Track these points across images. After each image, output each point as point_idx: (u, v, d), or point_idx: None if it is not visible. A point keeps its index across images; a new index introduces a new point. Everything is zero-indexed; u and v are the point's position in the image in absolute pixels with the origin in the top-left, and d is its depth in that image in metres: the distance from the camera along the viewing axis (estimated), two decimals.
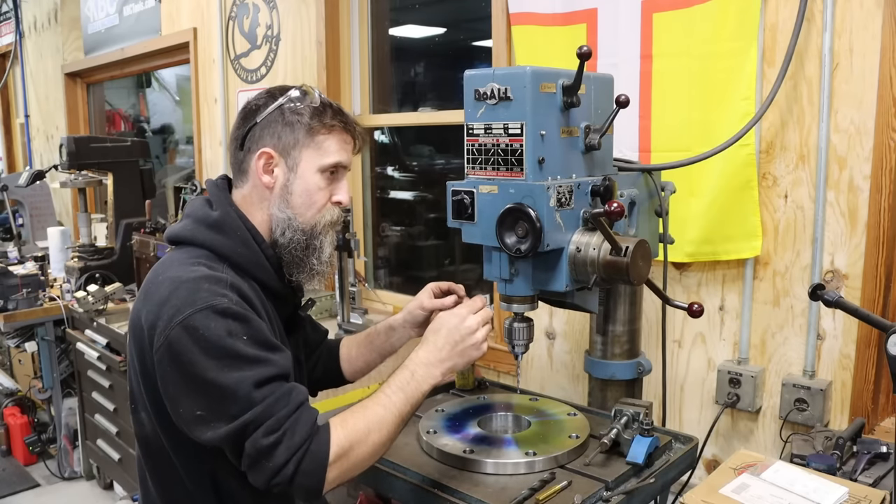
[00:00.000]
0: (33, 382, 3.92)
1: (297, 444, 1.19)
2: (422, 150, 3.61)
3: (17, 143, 6.79)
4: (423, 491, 1.43)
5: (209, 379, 1.19)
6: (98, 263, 3.67)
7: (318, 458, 1.19)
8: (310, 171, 1.39)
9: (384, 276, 3.56)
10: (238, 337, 1.22)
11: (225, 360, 1.20)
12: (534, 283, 1.50)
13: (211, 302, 1.22)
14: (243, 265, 1.36)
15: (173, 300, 1.23)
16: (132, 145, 4.02)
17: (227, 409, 1.19)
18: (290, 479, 1.18)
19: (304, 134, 1.37)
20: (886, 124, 1.73)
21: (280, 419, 1.20)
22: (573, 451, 1.52)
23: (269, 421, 1.19)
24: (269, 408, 1.20)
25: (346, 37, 3.28)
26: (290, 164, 1.38)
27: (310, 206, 1.40)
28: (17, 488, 3.68)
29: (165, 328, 1.22)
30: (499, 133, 1.43)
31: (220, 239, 1.36)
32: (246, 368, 1.20)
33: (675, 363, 2.17)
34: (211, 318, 1.21)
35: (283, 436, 1.19)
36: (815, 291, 1.44)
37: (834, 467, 1.59)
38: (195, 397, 1.21)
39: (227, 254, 1.35)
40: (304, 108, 1.38)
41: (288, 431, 1.19)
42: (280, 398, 1.21)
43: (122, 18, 4.75)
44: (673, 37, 2.04)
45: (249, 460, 1.20)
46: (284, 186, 1.38)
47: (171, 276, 1.29)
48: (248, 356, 1.21)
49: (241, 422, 1.18)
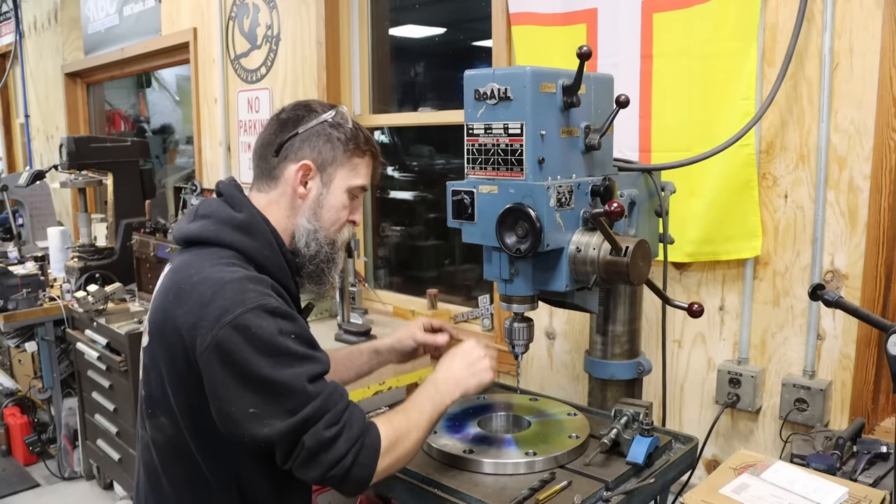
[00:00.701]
0: (33, 382, 3.92)
1: (355, 436, 1.24)
2: (422, 150, 3.61)
3: (17, 143, 6.79)
4: (423, 491, 1.43)
5: (264, 376, 1.21)
6: (98, 263, 3.67)
7: (372, 450, 1.26)
8: (340, 189, 1.44)
9: (384, 276, 3.56)
10: (288, 335, 1.25)
11: (278, 358, 1.22)
12: (534, 283, 1.50)
13: (261, 301, 1.24)
14: (268, 267, 1.37)
15: (219, 300, 1.23)
16: (132, 145, 4.02)
17: (283, 405, 1.21)
18: (348, 469, 1.23)
19: (342, 153, 1.43)
20: (886, 124, 1.73)
21: (338, 412, 1.25)
22: (573, 451, 1.52)
23: (328, 414, 1.23)
24: (326, 402, 1.24)
25: (346, 37, 3.28)
26: (325, 179, 1.43)
27: (334, 221, 1.45)
28: (17, 488, 3.68)
29: (213, 328, 1.22)
30: (499, 133, 1.43)
31: (246, 240, 1.37)
32: (297, 365, 1.24)
33: (675, 363, 2.17)
34: (262, 317, 1.23)
35: (343, 428, 1.24)
36: (815, 291, 1.44)
37: (834, 467, 1.59)
38: (249, 396, 1.22)
39: (254, 256, 1.37)
40: (346, 129, 1.44)
41: (346, 424, 1.24)
42: (333, 392, 1.26)
43: (122, 18, 4.76)
44: (673, 37, 2.04)
45: (308, 454, 1.22)
46: (317, 200, 1.43)
47: (211, 276, 1.28)
48: (298, 353, 1.25)
49: (301, 416, 1.21)
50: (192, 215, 1.44)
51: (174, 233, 1.48)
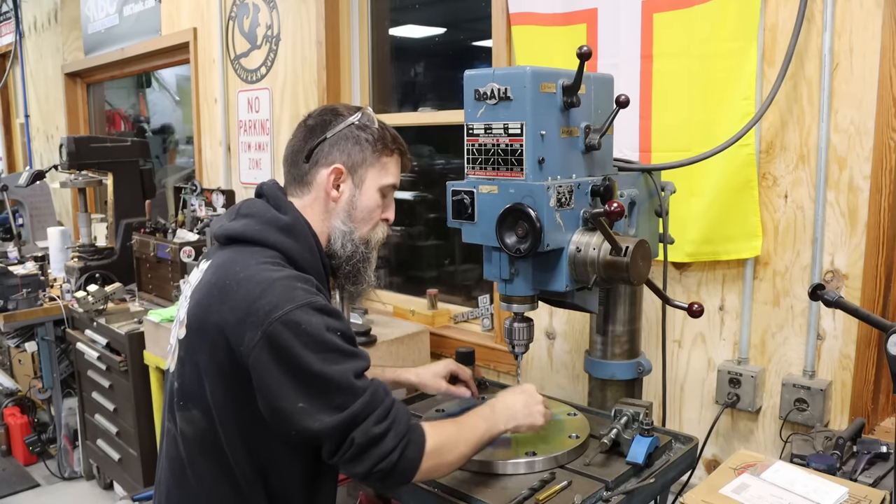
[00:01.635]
0: (33, 382, 3.93)
1: (402, 432, 1.27)
2: (422, 150, 3.61)
3: (17, 143, 6.78)
4: (423, 491, 1.43)
5: (314, 372, 1.24)
6: (98, 263, 3.67)
7: (417, 448, 1.28)
8: (372, 189, 1.48)
9: (384, 276, 3.56)
10: (335, 332, 1.27)
11: (326, 354, 1.25)
12: (534, 283, 1.50)
13: (309, 299, 1.27)
14: (307, 270, 1.40)
15: (269, 297, 1.26)
16: (132, 145, 4.02)
17: (332, 400, 1.24)
18: (395, 464, 1.25)
19: (370, 153, 1.47)
20: (886, 124, 1.73)
21: (386, 408, 1.27)
22: (573, 451, 1.52)
23: (377, 410, 1.26)
24: (374, 397, 1.26)
25: (346, 37, 3.28)
26: (357, 180, 1.47)
27: (368, 221, 1.49)
28: (17, 488, 3.68)
29: (262, 324, 1.24)
30: (499, 133, 1.43)
31: (290, 242, 1.40)
32: (344, 362, 1.26)
33: (675, 363, 2.17)
34: (311, 314, 1.26)
35: (392, 423, 1.26)
36: (815, 291, 1.44)
37: (834, 467, 1.59)
38: (299, 390, 1.24)
39: (296, 258, 1.40)
40: (373, 130, 1.48)
41: (395, 421, 1.27)
42: (378, 389, 1.29)
43: (122, 18, 4.75)
44: (673, 37, 2.04)
45: (359, 449, 1.24)
46: (350, 201, 1.47)
47: (258, 275, 1.31)
48: (345, 350, 1.27)
49: (350, 412, 1.24)
50: (233, 213, 1.47)
51: (214, 230, 1.50)
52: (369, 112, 1.50)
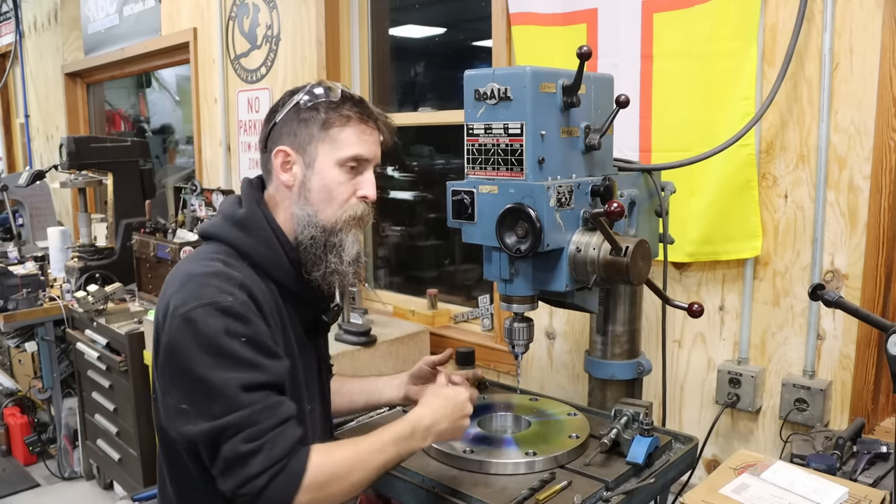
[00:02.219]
0: (33, 382, 3.92)
1: (275, 458, 1.16)
2: (422, 150, 3.61)
3: (17, 143, 6.78)
4: (423, 491, 1.43)
5: (200, 374, 1.19)
6: (98, 263, 3.66)
7: (292, 479, 1.17)
8: (327, 166, 1.36)
9: (384, 276, 3.56)
10: (236, 337, 1.21)
11: (218, 359, 1.19)
12: (534, 283, 1.50)
13: (215, 298, 1.22)
14: (264, 265, 1.36)
15: (182, 292, 1.25)
16: (132, 145, 4.02)
17: (210, 407, 1.18)
18: (260, 491, 1.15)
19: (318, 128, 1.36)
20: (886, 124, 1.73)
21: (263, 429, 1.18)
22: (573, 451, 1.52)
23: (251, 428, 1.17)
24: (254, 415, 1.18)
25: (346, 37, 3.28)
26: (307, 160, 1.37)
27: (329, 201, 1.37)
28: (17, 488, 3.68)
29: (170, 319, 1.24)
30: (499, 133, 1.43)
31: (242, 237, 1.36)
32: (237, 370, 1.19)
33: (675, 363, 2.17)
34: (211, 315, 1.20)
35: (262, 446, 1.16)
36: (815, 291, 1.44)
37: (834, 467, 1.59)
38: (183, 390, 1.21)
39: (248, 252, 1.36)
40: (320, 104, 1.37)
41: (268, 443, 1.17)
42: (267, 408, 1.19)
43: (122, 18, 4.75)
44: (673, 37, 2.04)
45: (224, 464, 1.18)
46: (303, 184, 1.37)
47: (186, 270, 1.31)
48: (242, 358, 1.20)
49: (222, 423, 1.17)
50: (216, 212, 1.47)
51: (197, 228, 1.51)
52: (330, 85, 1.40)
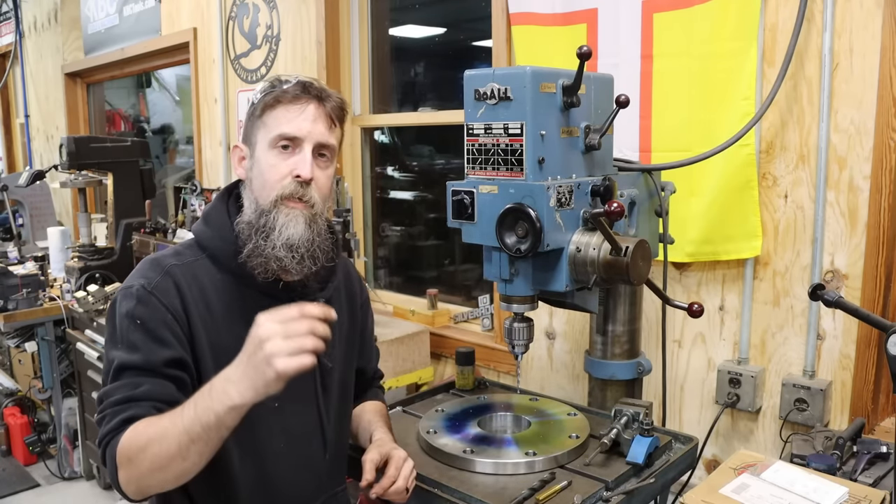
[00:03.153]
0: (33, 382, 3.92)
1: (105, 432, 1.22)
2: (422, 150, 3.61)
3: (17, 143, 6.78)
4: (423, 491, 1.43)
5: (106, 349, 1.32)
6: (98, 263, 3.66)
7: (112, 455, 1.20)
8: (263, 151, 1.34)
9: (384, 276, 3.56)
10: (132, 320, 1.27)
11: (115, 337, 1.29)
12: (534, 283, 1.50)
13: (131, 283, 1.31)
14: (218, 256, 1.38)
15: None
16: (132, 145, 4.02)
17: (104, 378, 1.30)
18: (102, 457, 1.23)
19: (257, 118, 1.36)
20: (886, 124, 1.73)
21: (109, 403, 1.24)
22: (573, 451, 1.52)
23: (105, 401, 1.25)
24: (112, 390, 1.25)
25: (346, 37, 3.28)
26: (251, 150, 1.38)
27: (264, 185, 1.33)
28: (17, 488, 3.68)
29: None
30: (499, 133, 1.43)
31: (203, 230, 1.42)
32: (122, 349, 1.27)
33: (675, 363, 2.17)
34: (125, 298, 1.30)
35: (102, 419, 1.24)
36: (815, 291, 1.44)
37: (834, 467, 1.59)
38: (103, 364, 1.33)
39: (206, 244, 1.40)
40: (265, 95, 1.35)
41: (107, 417, 1.23)
42: (125, 386, 1.24)
43: (122, 18, 4.76)
44: (673, 37, 2.04)
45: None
46: (249, 174, 1.39)
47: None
48: (128, 340, 1.27)
49: (100, 393, 1.27)
50: None
51: None
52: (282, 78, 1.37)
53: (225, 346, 1.29)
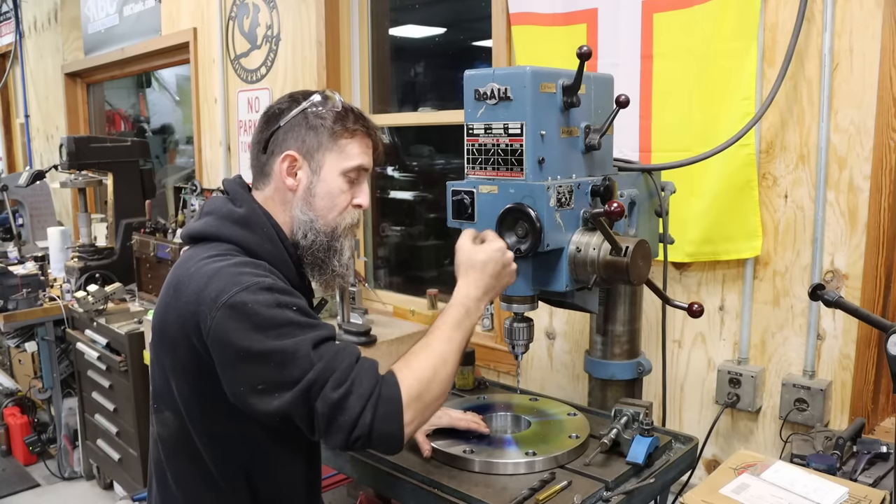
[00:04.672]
0: (33, 382, 3.92)
1: (367, 391, 1.19)
2: (422, 150, 3.61)
3: (17, 143, 6.78)
4: (423, 491, 1.43)
5: (266, 349, 1.19)
6: (98, 263, 3.67)
7: (392, 401, 1.19)
8: (333, 174, 1.40)
9: (384, 276, 3.56)
10: (287, 307, 1.24)
11: (278, 329, 1.21)
12: (534, 283, 1.50)
13: (255, 280, 1.24)
14: (270, 261, 1.36)
15: (215, 284, 1.24)
16: (132, 145, 4.02)
17: (288, 374, 1.19)
18: (370, 427, 1.17)
19: (327, 137, 1.39)
20: (886, 124, 1.73)
21: (344, 371, 1.20)
22: (573, 451, 1.52)
23: (334, 375, 1.19)
24: (330, 363, 1.20)
25: (346, 37, 3.28)
26: (314, 167, 1.40)
27: (332, 208, 1.41)
28: (17, 488, 3.68)
29: (211, 312, 1.22)
30: (499, 133, 1.43)
31: (246, 234, 1.37)
32: (300, 333, 1.21)
33: (675, 363, 2.17)
34: (258, 293, 1.22)
35: (351, 385, 1.19)
36: (815, 291, 1.44)
37: (834, 467, 1.59)
38: (253, 371, 1.20)
39: (254, 249, 1.36)
40: (328, 113, 1.40)
41: (356, 381, 1.19)
42: (338, 353, 1.22)
43: (122, 18, 4.75)
44: (673, 37, 2.04)
45: (324, 420, 1.18)
46: (308, 189, 1.40)
47: (206, 266, 1.29)
48: (300, 322, 1.23)
49: (305, 382, 1.18)
50: (198, 214, 1.46)
51: (181, 232, 1.50)
52: (329, 94, 1.43)
53: None
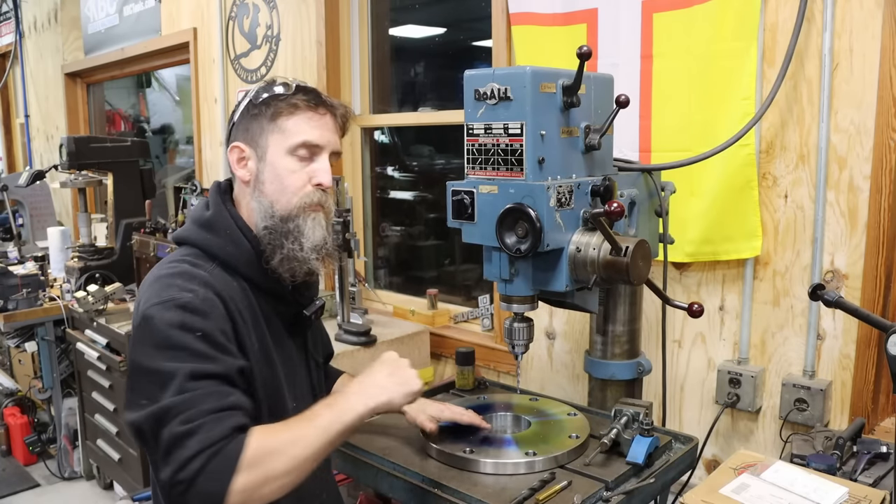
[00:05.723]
0: (33, 382, 3.92)
1: (211, 440, 1.13)
2: (422, 150, 3.61)
3: (17, 143, 6.78)
4: (423, 491, 1.43)
5: (151, 367, 1.19)
6: (98, 263, 3.66)
7: (228, 461, 1.13)
8: (278, 156, 1.35)
9: (384, 276, 3.56)
10: (190, 331, 1.21)
11: (170, 351, 1.20)
12: (534, 283, 1.50)
13: (174, 295, 1.24)
14: (231, 263, 1.36)
15: (146, 294, 1.27)
16: (132, 145, 4.02)
17: (157, 394, 1.17)
18: (194, 476, 1.11)
19: (267, 120, 1.35)
20: (886, 124, 1.73)
21: (201, 411, 1.15)
22: (573, 451, 1.52)
23: (189, 411, 1.15)
24: (195, 399, 1.16)
25: (346, 37, 3.28)
26: (260, 153, 1.37)
27: (283, 190, 1.35)
28: (17, 488, 3.68)
29: (134, 319, 1.28)
30: (499, 133, 1.43)
31: (209, 237, 1.37)
32: (187, 360, 1.19)
33: (675, 363, 2.17)
34: (168, 311, 1.22)
35: (198, 428, 1.13)
36: (815, 291, 1.44)
37: (834, 467, 1.59)
38: (135, 383, 1.22)
39: (215, 252, 1.36)
40: (270, 97, 1.36)
41: (206, 425, 1.14)
42: (211, 394, 1.17)
43: (122, 18, 4.76)
44: (673, 37, 2.04)
45: (163, 449, 1.14)
46: (257, 177, 1.37)
47: (155, 273, 1.33)
48: (194, 350, 1.20)
49: (163, 406, 1.15)
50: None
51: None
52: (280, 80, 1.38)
53: (255, 350, 1.34)
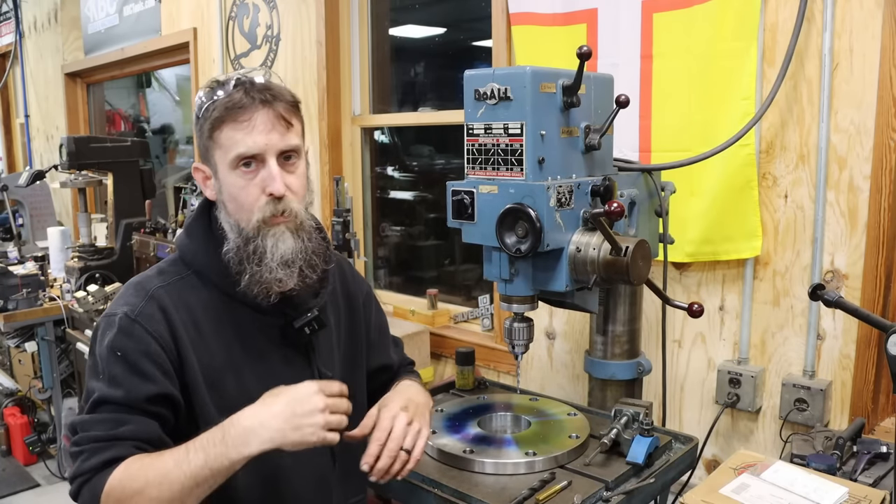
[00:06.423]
0: (33, 382, 3.92)
1: (82, 470, 1.17)
2: (422, 150, 3.61)
3: (17, 143, 6.78)
4: (423, 491, 1.43)
5: (87, 375, 1.28)
6: (98, 263, 3.66)
7: (92, 494, 1.15)
8: (225, 173, 1.27)
9: (384, 276, 3.56)
10: (113, 352, 1.22)
11: (97, 368, 1.24)
12: (534, 283, 1.50)
13: (114, 310, 1.27)
14: (203, 271, 1.32)
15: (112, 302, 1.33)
16: (132, 145, 4.02)
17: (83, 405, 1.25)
18: (75, 494, 1.19)
19: (206, 137, 1.27)
20: (886, 124, 1.73)
21: (87, 438, 1.18)
22: (573, 451, 1.52)
23: (80, 434, 1.19)
24: (90, 423, 1.20)
25: (346, 37, 3.28)
26: (213, 171, 1.30)
27: (240, 209, 1.27)
28: (17, 488, 3.68)
29: None
30: (499, 133, 1.43)
31: (186, 243, 1.37)
32: (103, 382, 1.22)
33: (675, 363, 2.17)
34: (107, 327, 1.25)
35: (79, 453, 1.18)
36: (815, 291, 1.44)
37: (834, 467, 1.59)
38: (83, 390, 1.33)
39: (188, 258, 1.34)
40: (203, 111, 1.27)
41: (84, 454, 1.18)
42: (105, 422, 1.19)
43: (122, 18, 4.75)
44: (673, 37, 2.04)
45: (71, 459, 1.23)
46: (219, 196, 1.31)
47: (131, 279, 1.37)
48: (110, 373, 1.21)
49: (74, 420, 1.23)
50: None
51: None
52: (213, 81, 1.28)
53: (217, 366, 1.28)
